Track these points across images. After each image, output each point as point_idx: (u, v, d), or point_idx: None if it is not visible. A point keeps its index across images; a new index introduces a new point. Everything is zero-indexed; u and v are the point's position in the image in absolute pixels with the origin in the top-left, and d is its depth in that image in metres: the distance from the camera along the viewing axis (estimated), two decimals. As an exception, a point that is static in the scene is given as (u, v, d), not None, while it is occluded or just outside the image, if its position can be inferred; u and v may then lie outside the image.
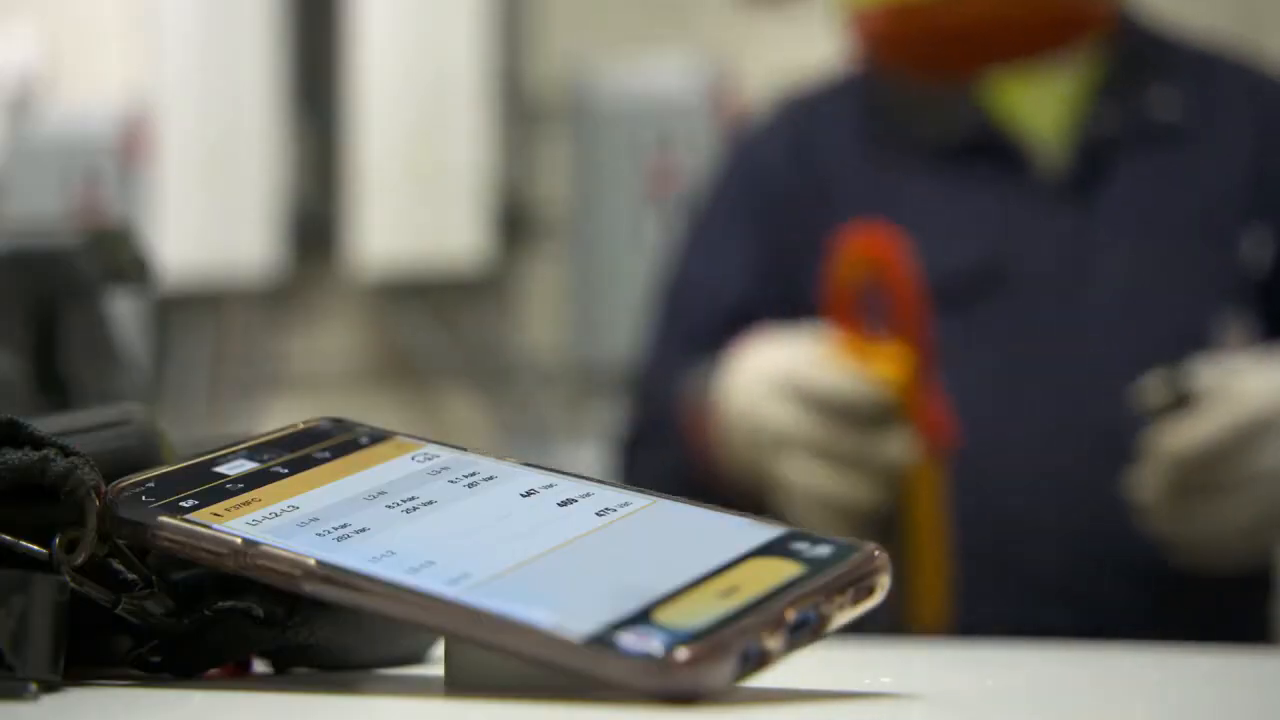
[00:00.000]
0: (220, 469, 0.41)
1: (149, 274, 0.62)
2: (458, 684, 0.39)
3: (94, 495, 0.38)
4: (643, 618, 0.34)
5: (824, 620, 0.36)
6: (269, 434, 0.44)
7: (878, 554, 0.37)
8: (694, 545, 0.37)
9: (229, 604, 0.40)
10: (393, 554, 0.37)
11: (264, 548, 0.38)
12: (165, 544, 0.39)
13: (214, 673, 0.43)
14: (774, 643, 0.34)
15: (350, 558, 0.37)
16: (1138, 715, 0.39)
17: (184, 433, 0.47)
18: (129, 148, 3.09)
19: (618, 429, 1.25)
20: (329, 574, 0.37)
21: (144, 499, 0.39)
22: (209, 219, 3.06)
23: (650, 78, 2.96)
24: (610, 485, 0.40)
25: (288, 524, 0.39)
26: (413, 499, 0.40)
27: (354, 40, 3.03)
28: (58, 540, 0.38)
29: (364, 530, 0.39)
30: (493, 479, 0.41)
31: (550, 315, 3.03)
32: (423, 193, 2.99)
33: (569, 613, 0.34)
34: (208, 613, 0.40)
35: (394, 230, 2.99)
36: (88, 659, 0.41)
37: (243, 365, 3.15)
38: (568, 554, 0.37)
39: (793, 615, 0.35)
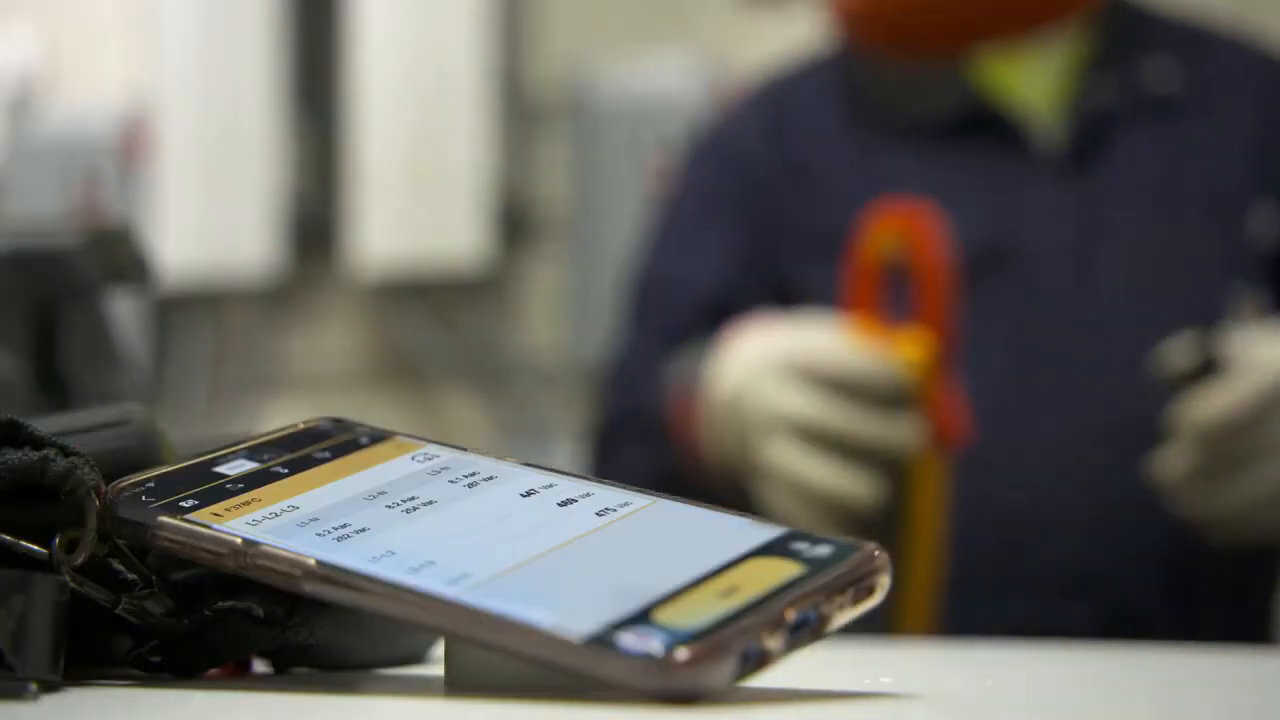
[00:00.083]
0: (220, 469, 0.41)
1: (149, 274, 0.62)
2: (458, 684, 0.39)
3: (94, 495, 0.38)
4: (643, 618, 0.34)
5: (824, 620, 0.36)
6: (269, 434, 0.44)
7: (878, 554, 0.37)
8: (694, 545, 0.37)
9: (229, 604, 0.40)
10: (393, 554, 0.37)
11: (264, 548, 0.38)
12: (165, 544, 0.39)
13: (214, 673, 0.43)
14: (774, 643, 0.34)
15: (350, 558, 0.37)
16: (1138, 715, 0.39)
17: (184, 433, 0.47)
18: (129, 148, 3.09)
19: (591, 422, 1.21)
20: (329, 574, 0.37)
21: (144, 499, 0.39)
22: (209, 219, 3.06)
23: (650, 78, 2.96)
24: (610, 485, 0.40)
25: (288, 524, 0.39)
26: (413, 499, 0.40)
27: (354, 40, 3.03)
28: (58, 540, 0.38)
29: (364, 530, 0.39)
30: (493, 479, 0.41)
31: (550, 315, 3.03)
32: (423, 193, 2.99)
33: (569, 613, 0.34)
34: (208, 613, 0.40)
35: (394, 230, 2.99)
36: (88, 659, 0.41)
37: (243, 365, 3.15)
38: (568, 554, 0.37)
39: (793, 615, 0.35)
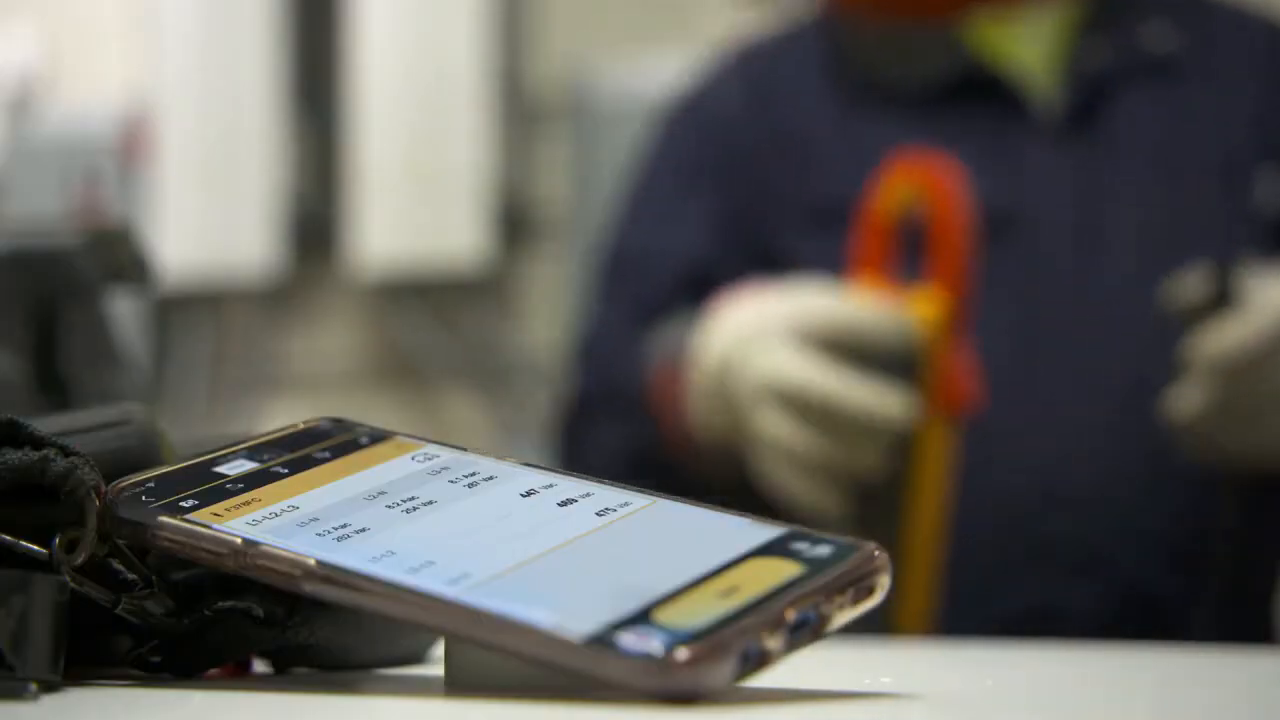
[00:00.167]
0: (220, 469, 0.41)
1: (149, 274, 0.62)
2: (458, 684, 0.39)
3: (94, 495, 0.38)
4: (643, 618, 0.34)
5: (824, 620, 0.36)
6: (269, 434, 0.44)
7: (878, 554, 0.37)
8: (694, 545, 0.37)
9: (229, 604, 0.40)
10: (393, 554, 0.37)
11: (264, 548, 0.38)
12: (165, 544, 0.39)
13: (214, 673, 0.43)
14: (774, 643, 0.34)
15: (350, 558, 0.37)
16: (1138, 715, 0.39)
17: (184, 433, 0.47)
18: (129, 148, 3.09)
19: (558, 402, 1.16)
20: (329, 574, 0.37)
21: (144, 499, 0.39)
22: (209, 219, 3.05)
23: (650, 78, 2.96)
24: (610, 485, 0.40)
25: (288, 524, 0.39)
26: (413, 499, 0.40)
27: (354, 40, 3.03)
28: (58, 540, 0.38)
29: (364, 530, 0.39)
30: (493, 479, 0.41)
31: (550, 315, 3.03)
32: (423, 193, 2.99)
33: (569, 613, 0.34)
34: (208, 613, 0.40)
35: (394, 230, 2.99)
36: (88, 659, 0.41)
37: (243, 365, 3.15)
38: (568, 554, 0.37)
39: (793, 615, 0.35)
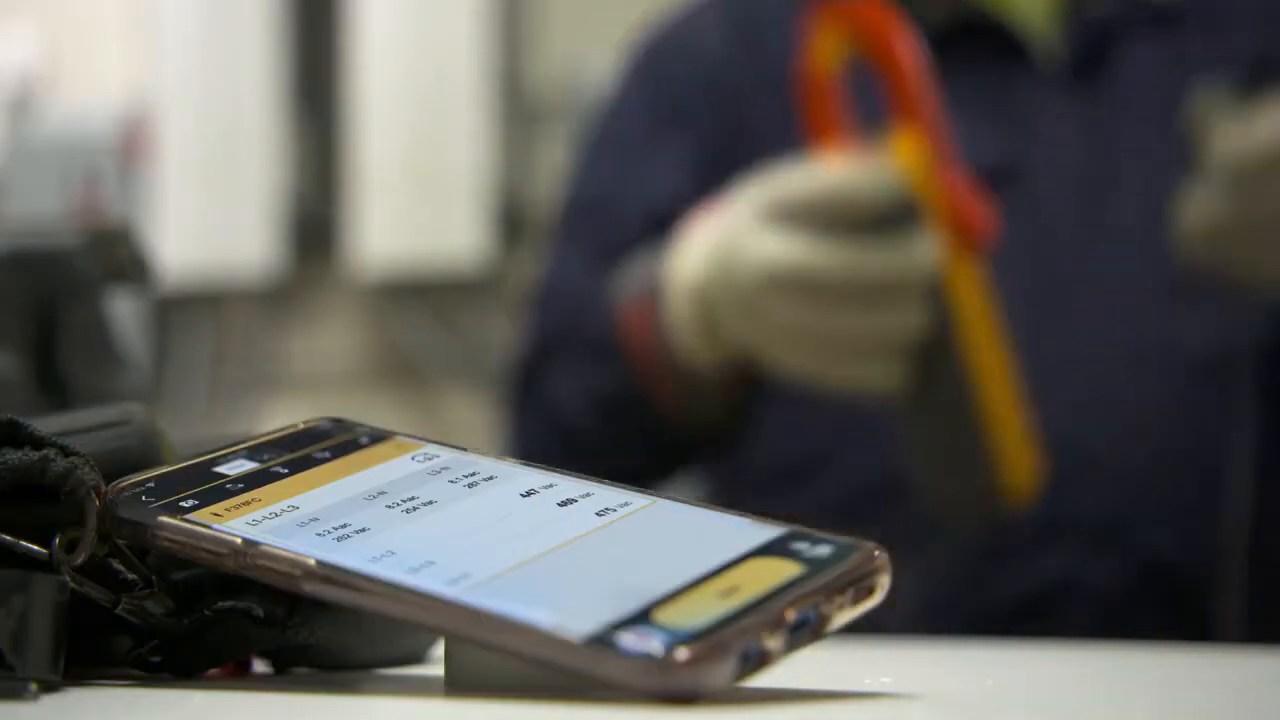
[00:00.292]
0: (220, 469, 0.41)
1: (149, 274, 0.62)
2: (458, 684, 0.39)
3: (94, 495, 0.38)
4: (643, 618, 0.34)
5: (824, 620, 0.36)
6: (269, 434, 0.44)
7: (878, 554, 0.37)
8: (694, 545, 0.37)
9: (229, 604, 0.40)
10: (393, 554, 0.37)
11: (264, 548, 0.38)
12: (165, 544, 0.39)
13: (214, 673, 0.43)
14: (774, 643, 0.34)
15: (350, 558, 0.37)
16: (1138, 715, 0.39)
17: (184, 433, 0.47)
18: (129, 148, 3.09)
19: (514, 353, 1.09)
20: (329, 574, 0.37)
21: (144, 499, 0.39)
22: (209, 219, 3.06)
23: (650, 78, 2.96)
24: (610, 485, 0.40)
25: (288, 524, 0.39)
26: (413, 499, 0.40)
27: (354, 40, 3.03)
28: (58, 540, 0.38)
29: (364, 530, 0.39)
30: (493, 479, 0.41)
31: (550, 315, 3.03)
32: (423, 193, 2.99)
33: (569, 613, 0.34)
34: (208, 613, 0.40)
35: (394, 230, 2.99)
36: (88, 659, 0.41)
37: (243, 365, 3.15)
38: (568, 554, 0.37)
39: (793, 615, 0.35)
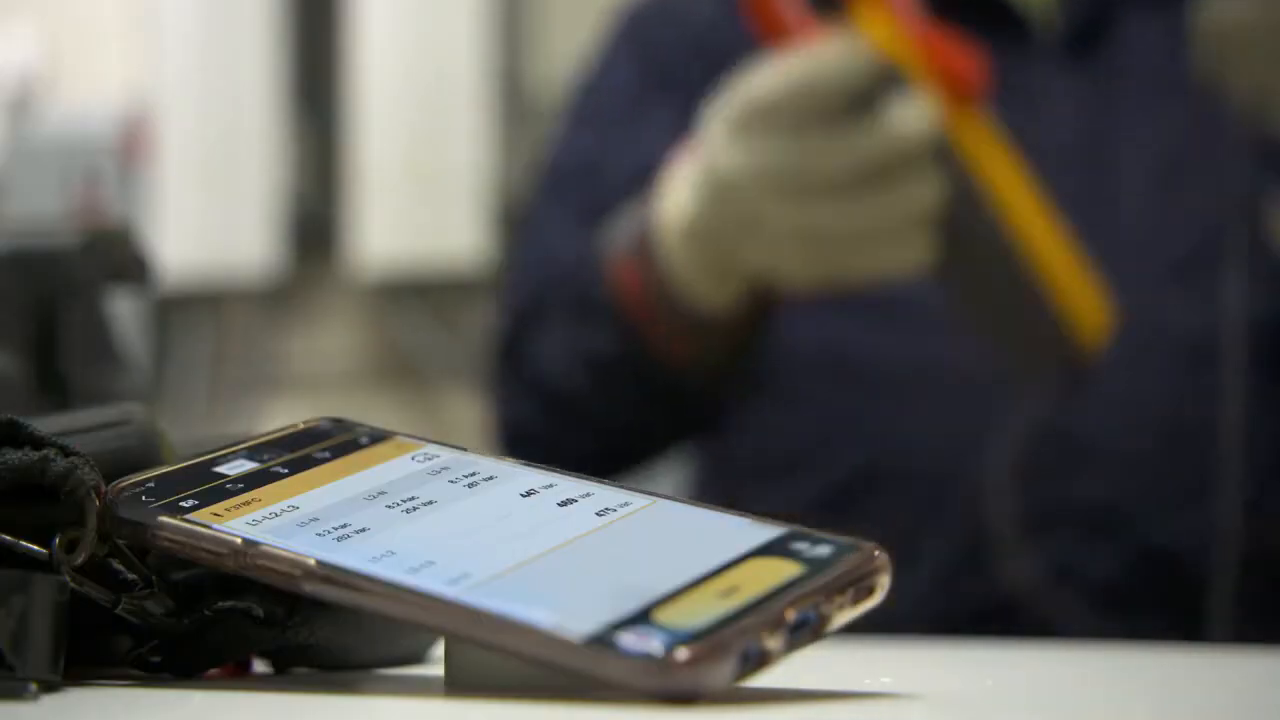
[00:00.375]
0: (220, 469, 0.41)
1: (149, 274, 0.62)
2: (458, 684, 0.39)
3: (94, 495, 0.38)
4: (643, 618, 0.34)
5: (824, 620, 0.36)
6: (269, 434, 0.44)
7: (878, 554, 0.37)
8: (694, 545, 0.37)
9: (229, 604, 0.40)
10: (393, 554, 0.37)
11: (264, 548, 0.38)
12: (165, 544, 0.39)
13: (214, 673, 0.43)
14: (774, 643, 0.34)
15: (350, 558, 0.37)
16: (1138, 715, 0.39)
17: (184, 433, 0.47)
18: (129, 148, 3.09)
19: (497, 318, 1.07)
20: (329, 574, 0.37)
21: (144, 499, 0.39)
22: (209, 219, 3.05)
23: (650, 78, 2.95)
24: (610, 485, 0.40)
25: (288, 524, 0.39)
26: (413, 499, 0.40)
27: (354, 40, 3.03)
28: (58, 540, 0.38)
29: (364, 530, 0.39)
30: (493, 479, 0.41)
31: (550, 315, 3.03)
32: (423, 193, 2.99)
33: (569, 613, 0.34)
34: (208, 613, 0.40)
35: (394, 230, 2.99)
36: (88, 659, 0.41)
37: (243, 365, 3.15)
38: (568, 554, 0.37)
39: (793, 615, 0.35)
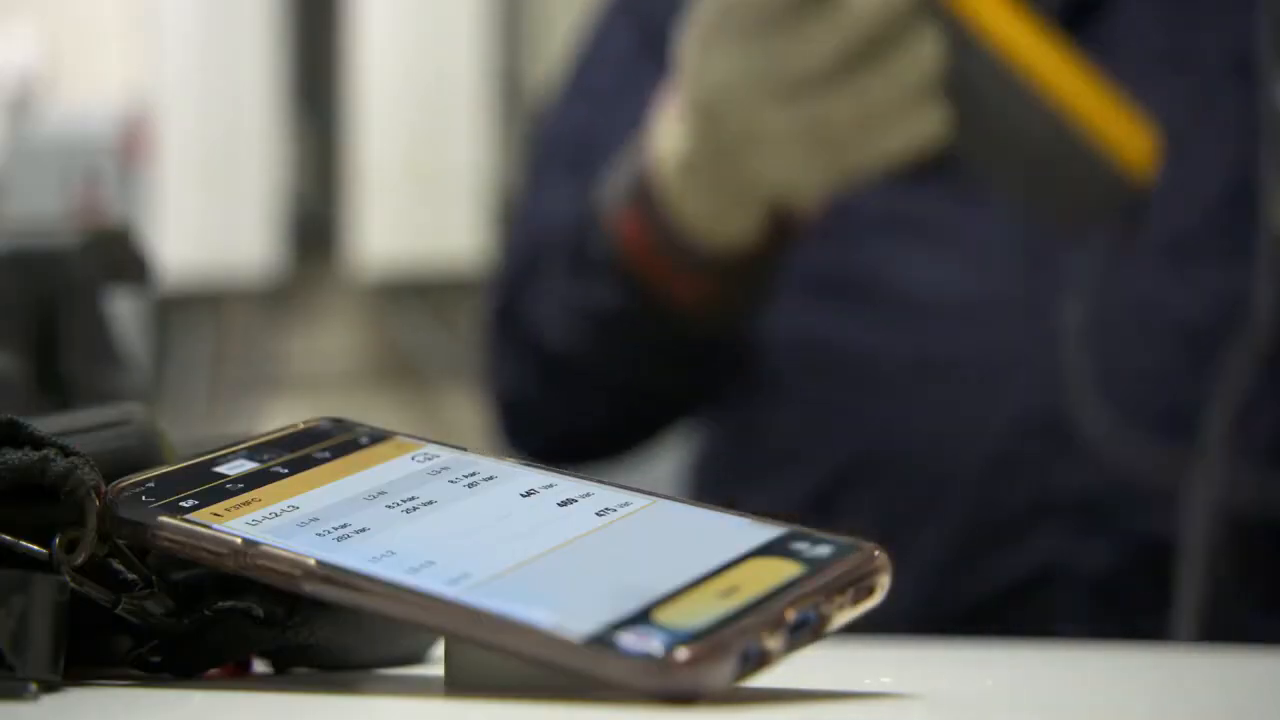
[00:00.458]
0: (220, 469, 0.41)
1: (149, 274, 0.62)
2: (458, 684, 0.39)
3: (94, 495, 0.38)
4: (643, 618, 0.34)
5: (824, 620, 0.36)
6: (269, 434, 0.44)
7: (878, 554, 0.37)
8: (694, 545, 0.37)
9: (229, 604, 0.40)
10: (393, 554, 0.37)
11: (264, 548, 0.38)
12: (165, 544, 0.39)
13: (214, 673, 0.43)
14: (774, 643, 0.34)
15: (350, 558, 0.37)
16: (1138, 715, 0.39)
17: (184, 433, 0.47)
18: (129, 148, 3.09)
19: (491, 285, 1.05)
20: (329, 574, 0.37)
21: (144, 499, 0.39)
22: (209, 219, 3.05)
23: (650, 78, 2.95)
24: (610, 485, 0.40)
25: (288, 524, 0.39)
26: (413, 499, 0.40)
27: (354, 40, 3.03)
28: (58, 540, 0.38)
29: (364, 530, 0.39)
30: (493, 479, 0.41)
31: (550, 315, 3.02)
32: (423, 193, 2.99)
33: (569, 613, 0.34)
34: (208, 613, 0.40)
35: (394, 230, 2.99)
36: (88, 659, 0.41)
37: (243, 365, 3.15)
38: (568, 554, 0.37)
39: (793, 615, 0.35)
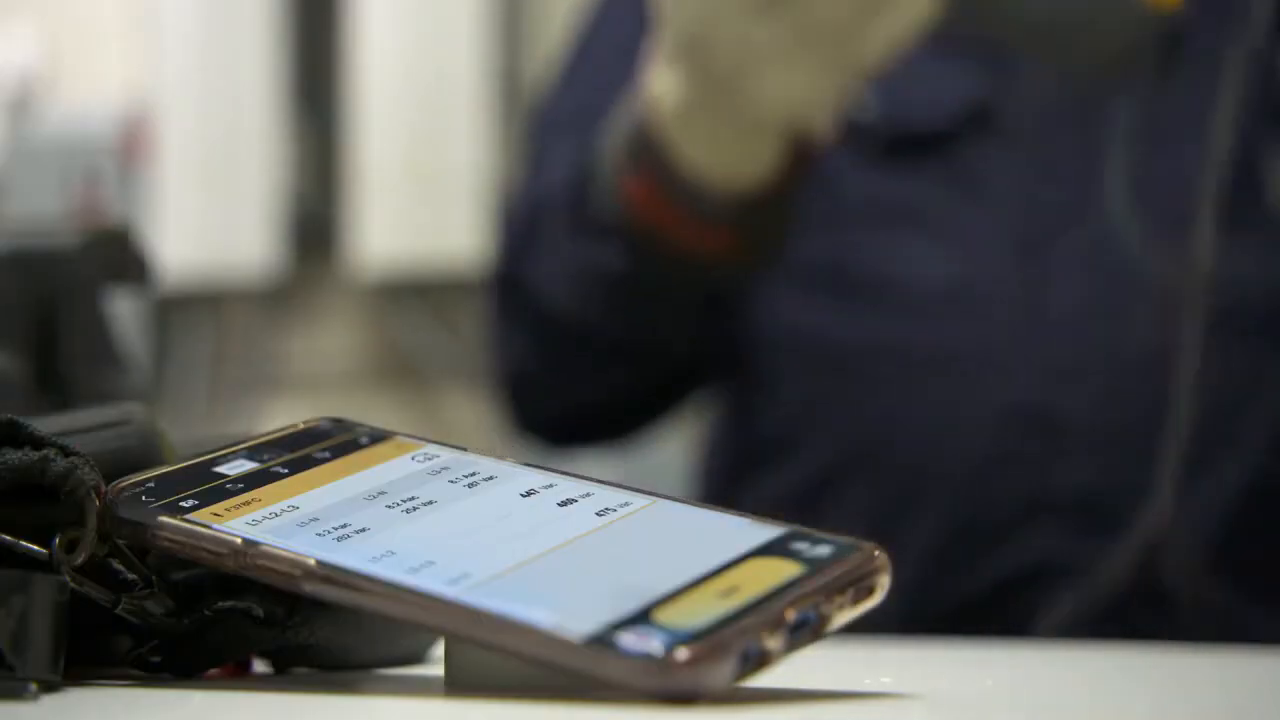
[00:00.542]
0: (220, 469, 0.41)
1: (149, 274, 0.62)
2: (458, 684, 0.39)
3: (94, 495, 0.38)
4: (643, 618, 0.34)
5: (824, 620, 0.36)
6: (269, 434, 0.44)
7: (877, 554, 0.37)
8: (694, 545, 0.37)
9: (229, 604, 0.40)
10: (393, 554, 0.37)
11: (264, 548, 0.38)
12: (165, 544, 0.39)
13: (214, 673, 0.43)
14: (774, 643, 0.34)
15: (350, 558, 0.37)
16: (1137, 715, 0.39)
17: (184, 433, 0.47)
18: (129, 148, 3.09)
19: (494, 256, 1.06)
20: (329, 574, 0.37)
21: (144, 499, 0.39)
22: (209, 219, 3.05)
23: (650, 78, 2.95)
24: (610, 485, 0.40)
25: (288, 524, 0.39)
26: (413, 499, 0.40)
27: (354, 40, 3.03)
28: (58, 540, 0.38)
29: (364, 530, 0.39)
30: (493, 479, 0.41)
31: (550, 315, 3.02)
32: (423, 193, 2.99)
33: (569, 613, 0.34)
34: (208, 613, 0.40)
35: (394, 230, 2.99)
36: (88, 659, 0.41)
37: (243, 365, 3.15)
38: (568, 554, 0.37)
39: (793, 615, 0.35)
